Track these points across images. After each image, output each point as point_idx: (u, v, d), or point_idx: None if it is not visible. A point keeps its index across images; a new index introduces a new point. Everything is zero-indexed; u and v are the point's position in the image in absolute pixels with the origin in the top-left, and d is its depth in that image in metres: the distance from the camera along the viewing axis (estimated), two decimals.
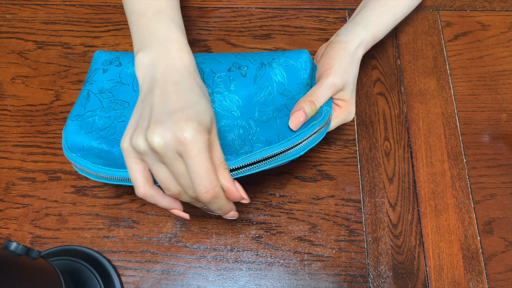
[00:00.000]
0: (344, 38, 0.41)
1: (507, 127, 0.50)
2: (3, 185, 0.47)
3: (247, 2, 0.57)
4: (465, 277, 0.43)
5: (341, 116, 0.41)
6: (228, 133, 0.38)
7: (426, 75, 0.53)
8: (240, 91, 0.40)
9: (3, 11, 0.56)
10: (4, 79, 0.52)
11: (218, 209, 0.33)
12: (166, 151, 0.29)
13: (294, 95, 0.40)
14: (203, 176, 0.30)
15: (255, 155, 0.34)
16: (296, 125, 0.37)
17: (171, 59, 0.34)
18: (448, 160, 0.48)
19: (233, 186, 0.32)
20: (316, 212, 0.46)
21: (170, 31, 0.35)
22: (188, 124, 0.29)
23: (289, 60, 0.41)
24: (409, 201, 0.46)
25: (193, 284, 0.43)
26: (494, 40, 0.55)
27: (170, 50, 0.34)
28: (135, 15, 0.37)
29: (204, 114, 0.31)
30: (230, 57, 0.42)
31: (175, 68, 0.33)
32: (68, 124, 0.39)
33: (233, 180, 0.32)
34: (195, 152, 0.29)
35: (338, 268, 0.44)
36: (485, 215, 0.46)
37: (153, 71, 0.33)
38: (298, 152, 0.36)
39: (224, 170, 0.32)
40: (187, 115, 0.30)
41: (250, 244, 0.44)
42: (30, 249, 0.32)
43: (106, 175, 0.35)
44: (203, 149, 0.29)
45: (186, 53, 0.35)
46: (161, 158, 0.30)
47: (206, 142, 0.30)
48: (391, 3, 0.44)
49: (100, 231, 0.45)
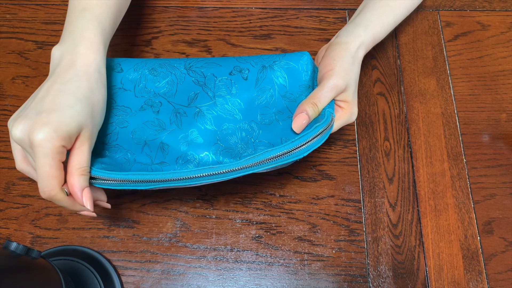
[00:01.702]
0: (345, 39, 0.41)
1: (507, 127, 0.50)
2: (3, 185, 0.47)
3: (247, 2, 0.57)
4: (465, 277, 0.43)
5: (343, 118, 0.41)
6: (231, 136, 0.38)
7: (426, 75, 0.53)
8: (242, 95, 0.40)
9: (3, 11, 0.56)
10: (4, 79, 0.52)
11: (63, 207, 0.34)
12: (23, 145, 0.32)
13: (296, 97, 0.40)
14: (42, 178, 0.32)
15: (258, 157, 0.34)
16: (299, 127, 0.37)
17: (75, 55, 0.35)
18: (448, 160, 0.48)
19: (79, 194, 0.33)
20: (316, 212, 0.46)
21: (86, 28, 0.36)
22: (42, 128, 0.31)
23: (290, 62, 0.41)
24: (409, 201, 0.46)
25: (193, 284, 0.43)
26: (494, 40, 0.55)
27: (77, 46, 0.35)
28: (69, 10, 0.38)
29: (69, 120, 0.32)
30: (231, 61, 0.42)
31: (74, 66, 0.34)
32: None
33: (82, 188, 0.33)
34: (39, 155, 0.31)
35: (338, 268, 0.44)
36: (485, 215, 0.46)
37: (57, 64, 0.35)
38: (301, 153, 0.36)
39: (80, 176, 0.33)
40: (48, 119, 0.31)
41: (250, 244, 0.45)
42: (30, 249, 0.32)
43: (109, 178, 0.35)
44: (48, 155, 0.31)
45: (92, 52, 0.36)
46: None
47: (55, 149, 0.31)
48: (392, 4, 0.44)
49: (100, 231, 0.45)
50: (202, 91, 0.40)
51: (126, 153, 0.38)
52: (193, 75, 0.41)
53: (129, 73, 0.41)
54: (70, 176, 0.33)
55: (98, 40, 0.36)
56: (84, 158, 0.34)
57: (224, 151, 0.37)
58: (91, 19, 0.37)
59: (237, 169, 0.35)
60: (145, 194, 0.46)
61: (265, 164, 0.35)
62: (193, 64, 0.41)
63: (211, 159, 0.37)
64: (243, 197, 0.47)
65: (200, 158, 0.37)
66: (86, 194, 0.34)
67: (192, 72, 0.41)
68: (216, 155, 0.37)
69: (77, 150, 0.33)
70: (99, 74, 0.36)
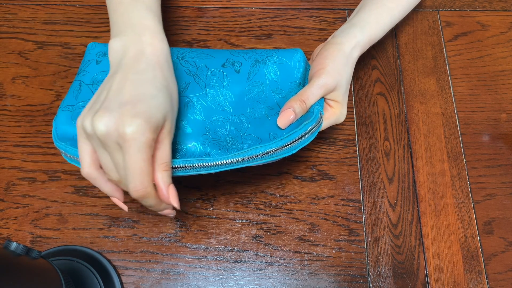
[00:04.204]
0: (340, 40, 0.41)
1: (507, 127, 0.50)
2: (3, 185, 0.47)
3: (247, 2, 0.57)
4: (465, 277, 0.43)
5: (332, 117, 0.41)
6: (220, 128, 0.38)
7: (426, 75, 0.53)
8: (233, 87, 0.40)
9: (3, 11, 0.56)
10: (4, 79, 0.52)
11: (149, 206, 0.33)
12: (107, 140, 0.29)
13: (286, 93, 0.40)
14: (135, 176, 0.30)
15: (246, 152, 0.35)
16: (285, 123, 0.37)
17: (142, 45, 0.33)
18: (448, 160, 0.48)
19: (165, 190, 0.32)
20: (316, 212, 0.46)
21: (145, 18, 0.35)
22: (133, 120, 0.29)
23: (283, 58, 0.41)
24: (409, 201, 0.46)
25: (193, 284, 0.43)
26: (494, 40, 0.55)
27: (142, 36, 0.34)
28: (114, 3, 0.37)
29: (156, 110, 0.30)
30: (225, 53, 0.42)
31: (144, 55, 0.33)
32: (59, 114, 0.39)
33: (167, 184, 0.32)
34: (132, 150, 0.29)
35: (338, 268, 0.44)
36: (485, 215, 0.46)
37: (122, 55, 0.33)
38: (289, 151, 0.36)
39: (164, 172, 0.31)
40: (136, 110, 0.29)
41: (250, 244, 0.45)
42: (30, 249, 0.32)
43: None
44: (142, 149, 0.29)
45: (159, 40, 0.34)
46: (103, 145, 0.30)
47: (148, 142, 0.29)
48: (389, 5, 0.44)
49: (100, 231, 0.45)
50: (193, 81, 0.40)
51: None
52: (185, 65, 0.41)
53: None
54: (157, 172, 0.31)
55: (159, 29, 0.35)
56: (167, 153, 0.32)
57: (212, 143, 0.37)
58: (146, 8, 0.35)
59: (224, 163, 0.35)
60: None
61: (253, 160, 0.35)
62: (186, 54, 0.41)
63: (199, 150, 0.37)
64: (243, 197, 0.47)
65: (188, 149, 0.37)
66: (172, 191, 0.32)
67: (185, 62, 0.41)
68: (204, 146, 0.37)
69: (159, 144, 0.31)
70: (168, 63, 0.34)
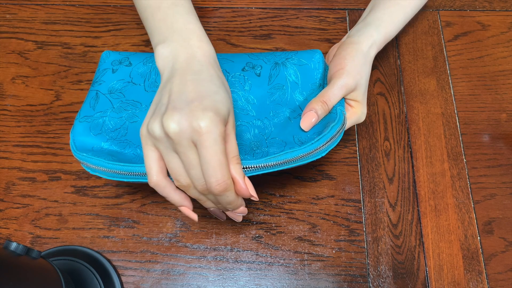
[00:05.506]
0: (357, 39, 0.41)
1: (507, 127, 0.50)
2: (3, 185, 0.47)
3: (247, 2, 0.57)
4: (465, 277, 0.43)
5: (353, 117, 0.41)
6: (244, 133, 0.38)
7: (426, 75, 0.53)
8: (255, 91, 0.40)
9: (3, 11, 0.56)
10: (4, 79, 0.52)
11: (228, 204, 0.32)
12: (181, 138, 0.29)
13: (307, 95, 0.40)
14: (216, 168, 0.29)
15: (276, 158, 0.34)
16: (308, 126, 0.37)
17: (192, 49, 0.33)
18: (448, 160, 0.48)
19: (242, 181, 0.31)
20: (316, 212, 0.46)
21: (188, 22, 0.35)
22: (204, 114, 0.29)
23: (302, 60, 0.41)
24: (409, 201, 0.46)
25: (193, 284, 0.43)
26: (494, 40, 0.55)
27: (190, 40, 0.34)
28: (149, 10, 0.37)
29: (221, 104, 0.30)
30: (243, 57, 0.42)
31: (195, 58, 0.33)
32: (76, 125, 0.39)
33: (243, 176, 0.32)
34: (209, 143, 0.29)
35: (338, 268, 0.44)
36: (485, 215, 0.46)
37: (173, 61, 0.33)
38: (319, 154, 0.35)
39: (237, 164, 0.31)
40: (205, 105, 0.29)
41: (250, 244, 0.45)
42: (30, 249, 0.32)
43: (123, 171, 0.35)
44: (218, 141, 0.29)
45: (206, 43, 0.35)
46: (175, 146, 0.30)
47: (222, 134, 0.29)
48: (402, 3, 0.44)
49: (100, 231, 0.45)
50: None
51: (136, 149, 0.37)
52: None
53: (138, 67, 0.41)
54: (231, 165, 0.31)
55: (203, 31, 0.35)
56: (235, 146, 0.31)
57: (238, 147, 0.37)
58: (187, 12, 0.36)
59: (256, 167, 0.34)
60: (145, 194, 0.46)
61: (285, 165, 0.35)
62: None
63: None
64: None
65: None
66: (249, 183, 0.32)
67: None
68: None
69: (228, 137, 0.31)
70: (217, 64, 0.35)
